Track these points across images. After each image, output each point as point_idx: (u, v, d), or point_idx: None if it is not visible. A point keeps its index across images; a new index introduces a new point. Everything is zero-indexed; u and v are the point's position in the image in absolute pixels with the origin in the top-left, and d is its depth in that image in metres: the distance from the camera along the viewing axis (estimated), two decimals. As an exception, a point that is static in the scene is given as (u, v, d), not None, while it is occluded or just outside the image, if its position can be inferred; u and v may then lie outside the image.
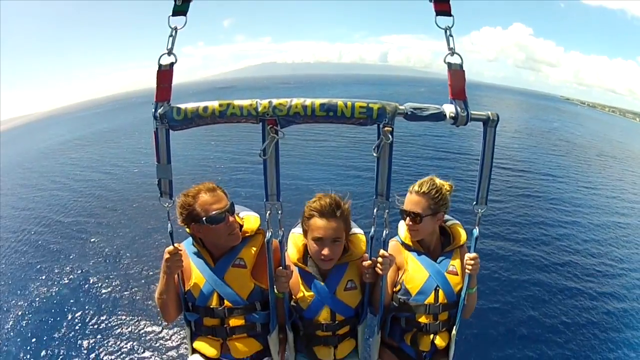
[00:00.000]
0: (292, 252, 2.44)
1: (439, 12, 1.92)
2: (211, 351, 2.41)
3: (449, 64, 1.97)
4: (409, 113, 2.00)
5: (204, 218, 2.20)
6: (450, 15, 1.92)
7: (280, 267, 2.30)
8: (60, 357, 7.51)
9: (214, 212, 2.20)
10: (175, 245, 2.22)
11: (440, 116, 2.00)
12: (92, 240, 12.22)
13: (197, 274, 2.34)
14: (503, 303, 8.67)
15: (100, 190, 17.62)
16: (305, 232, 2.36)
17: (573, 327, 8.16)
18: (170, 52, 1.89)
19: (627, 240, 12.50)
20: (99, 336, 7.96)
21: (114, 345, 7.67)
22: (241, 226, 2.46)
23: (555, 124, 47.44)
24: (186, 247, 2.40)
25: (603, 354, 7.46)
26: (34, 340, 7.94)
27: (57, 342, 7.87)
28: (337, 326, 2.44)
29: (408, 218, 2.46)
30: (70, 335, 8.05)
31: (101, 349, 7.61)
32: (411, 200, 2.45)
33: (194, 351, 2.47)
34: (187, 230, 2.35)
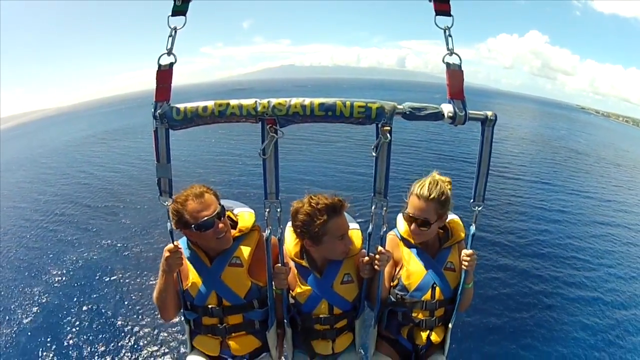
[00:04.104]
0: (289, 247, 2.45)
1: (438, 12, 1.92)
2: (211, 349, 2.46)
3: (448, 64, 1.98)
4: (407, 112, 2.01)
5: (192, 225, 2.22)
6: (449, 15, 1.93)
7: (279, 264, 2.33)
8: (58, 349, 7.81)
9: (202, 220, 2.21)
10: (175, 243, 2.23)
11: (438, 116, 2.02)
12: (100, 233, 12.82)
13: (194, 274, 2.36)
14: (498, 297, 8.97)
15: (115, 185, 18.38)
16: (317, 240, 2.30)
17: (566, 323, 8.48)
18: (169, 52, 1.92)
19: (614, 243, 12.91)
20: (97, 331, 8.22)
21: (114, 342, 7.89)
22: (236, 223, 2.48)
23: (562, 132, 47.39)
24: (182, 246, 2.39)
25: (598, 352, 7.75)
26: (35, 326, 8.44)
27: (54, 334, 8.22)
28: (334, 319, 2.48)
29: (414, 224, 2.43)
30: (71, 329, 8.35)
31: (100, 345, 7.83)
32: (419, 206, 2.39)
33: (194, 349, 2.51)
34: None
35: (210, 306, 2.35)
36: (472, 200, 2.26)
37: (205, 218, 2.22)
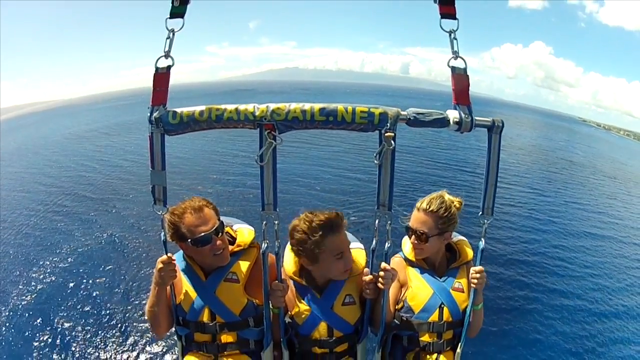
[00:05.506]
0: (288, 265, 2.34)
1: (443, 15, 1.89)
2: None
3: (453, 68, 1.93)
4: (411, 118, 1.94)
5: (189, 240, 2.15)
6: (455, 18, 1.89)
7: (276, 281, 2.22)
8: (52, 334, 7.91)
9: (199, 235, 2.14)
10: (169, 255, 2.15)
11: (443, 122, 1.95)
12: (99, 225, 12.95)
13: (188, 287, 2.27)
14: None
15: (115, 179, 18.59)
16: (314, 258, 2.18)
17: (549, 328, 8.54)
18: (167, 55, 1.88)
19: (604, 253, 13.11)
20: (90, 321, 8.29)
21: (106, 334, 7.92)
22: (234, 239, 2.41)
23: (561, 143, 47.57)
24: (177, 260, 2.30)
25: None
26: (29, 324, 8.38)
27: (49, 319, 8.33)
28: (334, 343, 2.31)
29: (413, 236, 2.38)
30: (65, 316, 8.46)
31: (91, 334, 7.91)
32: (418, 218, 2.36)
33: None
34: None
35: (203, 322, 2.25)
36: (480, 213, 2.16)
37: (203, 233, 2.14)
